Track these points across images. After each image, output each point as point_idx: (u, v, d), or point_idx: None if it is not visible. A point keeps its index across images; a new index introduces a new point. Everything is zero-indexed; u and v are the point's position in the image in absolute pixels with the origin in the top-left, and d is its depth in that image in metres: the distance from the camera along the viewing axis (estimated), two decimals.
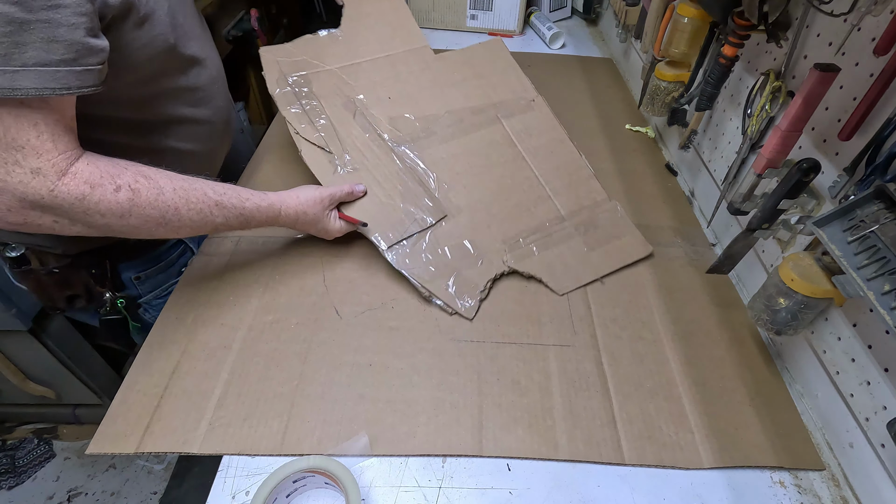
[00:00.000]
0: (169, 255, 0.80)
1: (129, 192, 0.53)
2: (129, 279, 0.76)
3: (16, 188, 0.47)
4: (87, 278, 0.72)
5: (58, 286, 0.71)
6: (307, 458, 0.51)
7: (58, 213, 0.50)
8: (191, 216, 0.58)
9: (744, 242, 0.65)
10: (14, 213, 0.49)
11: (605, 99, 1.21)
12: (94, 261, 0.72)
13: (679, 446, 0.57)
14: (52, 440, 1.50)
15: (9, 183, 0.47)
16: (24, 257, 0.68)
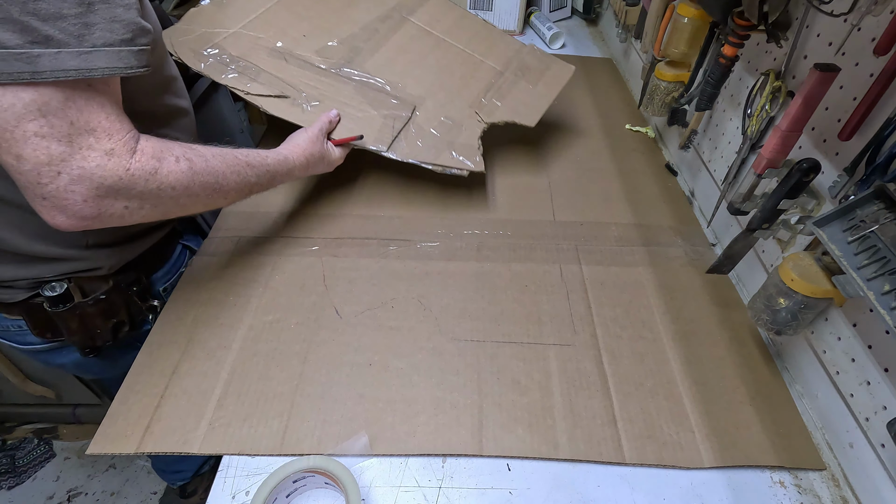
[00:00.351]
0: (182, 262, 0.81)
1: (187, 162, 0.54)
2: (158, 292, 0.77)
3: (94, 173, 0.46)
4: (129, 298, 0.71)
5: (103, 316, 0.68)
6: (307, 458, 0.51)
7: (131, 196, 0.49)
8: (234, 178, 0.60)
9: (744, 242, 0.65)
10: (89, 203, 0.47)
11: (605, 99, 1.21)
12: (133, 278, 0.71)
13: (679, 446, 0.57)
14: (52, 440, 1.50)
15: (86, 169, 0.46)
16: (67, 293, 0.64)
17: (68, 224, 0.48)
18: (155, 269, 0.76)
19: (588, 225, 0.86)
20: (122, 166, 0.48)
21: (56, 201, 0.46)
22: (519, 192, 0.92)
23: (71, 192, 0.46)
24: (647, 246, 0.82)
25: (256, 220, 0.84)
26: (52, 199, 0.46)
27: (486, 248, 0.81)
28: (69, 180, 0.45)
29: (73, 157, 0.45)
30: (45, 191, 0.45)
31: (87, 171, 0.46)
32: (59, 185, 0.45)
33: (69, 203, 0.46)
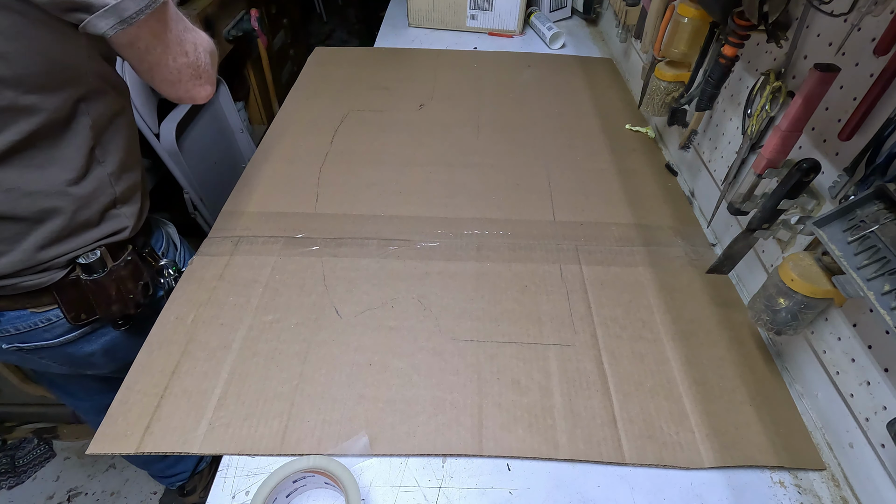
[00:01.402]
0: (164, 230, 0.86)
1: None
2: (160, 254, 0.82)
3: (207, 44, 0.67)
4: (145, 260, 0.76)
5: (133, 278, 0.72)
6: (307, 458, 0.51)
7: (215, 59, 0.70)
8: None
9: (744, 242, 0.65)
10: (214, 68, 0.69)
11: (605, 99, 1.21)
12: (142, 241, 0.77)
13: (680, 446, 0.57)
14: (51, 440, 1.50)
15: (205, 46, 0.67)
16: (101, 259, 0.68)
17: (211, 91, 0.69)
18: (151, 233, 0.81)
19: (588, 225, 0.86)
20: (205, 36, 0.67)
21: (207, 76, 0.67)
22: (519, 192, 0.92)
23: (209, 64, 0.67)
24: (647, 246, 0.82)
25: (256, 220, 0.84)
26: (204, 75, 0.66)
27: (486, 248, 0.81)
28: (206, 57, 0.66)
29: (196, 39, 0.65)
30: (200, 70, 0.65)
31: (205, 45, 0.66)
32: (205, 61, 0.66)
33: (210, 73, 0.67)
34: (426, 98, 1.18)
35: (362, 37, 2.95)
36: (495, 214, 0.87)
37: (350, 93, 1.19)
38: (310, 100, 1.17)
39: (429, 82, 1.25)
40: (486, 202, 0.90)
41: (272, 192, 0.90)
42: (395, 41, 1.49)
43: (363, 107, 1.15)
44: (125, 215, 0.71)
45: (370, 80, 1.25)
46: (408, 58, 1.37)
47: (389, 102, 1.16)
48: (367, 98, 1.18)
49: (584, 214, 0.88)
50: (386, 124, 1.09)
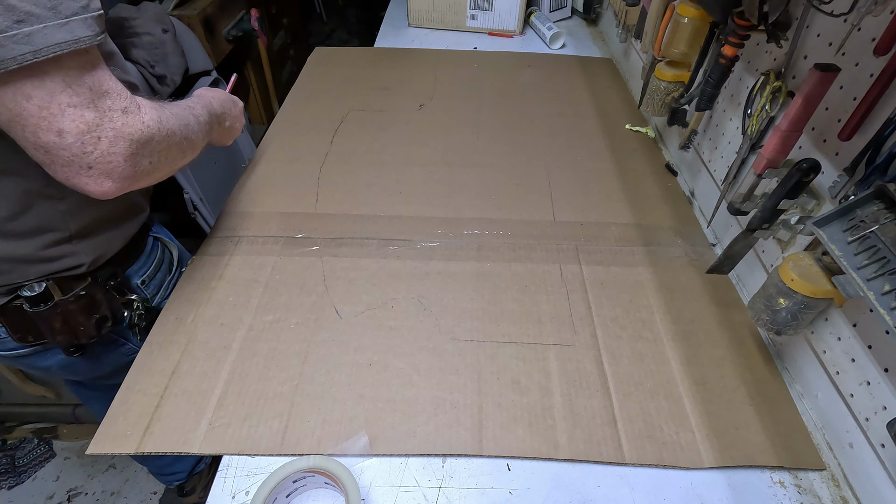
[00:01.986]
0: (155, 254, 0.80)
1: (167, 112, 0.57)
2: (137, 285, 0.77)
3: (123, 130, 0.49)
4: (108, 293, 0.71)
5: (85, 311, 0.68)
6: (307, 458, 0.51)
7: (152, 149, 0.53)
8: (197, 122, 0.64)
9: (744, 242, 0.65)
10: (128, 162, 0.51)
11: (605, 99, 1.21)
12: (109, 273, 0.71)
13: (680, 446, 0.57)
14: (51, 440, 1.50)
15: (117, 129, 0.49)
16: (46, 292, 0.64)
17: (114, 188, 0.51)
18: (130, 262, 0.76)
19: (588, 225, 0.86)
20: (139, 120, 0.51)
21: (102, 167, 0.49)
22: (519, 192, 0.92)
23: (112, 153, 0.49)
24: (647, 246, 0.82)
25: (256, 220, 0.84)
26: (98, 165, 0.49)
27: (486, 249, 0.81)
28: (108, 143, 0.48)
29: (102, 120, 0.48)
30: (90, 159, 0.48)
31: (118, 130, 0.49)
32: (102, 149, 0.48)
33: (113, 165, 0.49)
34: (426, 98, 1.18)
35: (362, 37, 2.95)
36: (495, 214, 0.87)
37: (350, 93, 1.19)
38: (310, 100, 1.17)
39: (429, 82, 1.25)
40: (487, 202, 0.90)
41: (272, 192, 0.90)
42: (395, 41, 1.49)
43: (363, 107, 1.15)
44: (82, 252, 0.66)
45: (370, 80, 1.25)
46: (408, 58, 1.37)
47: (389, 102, 1.16)
48: (367, 98, 1.18)
49: (585, 214, 0.88)
50: (386, 124, 1.09)
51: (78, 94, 0.46)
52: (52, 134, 0.46)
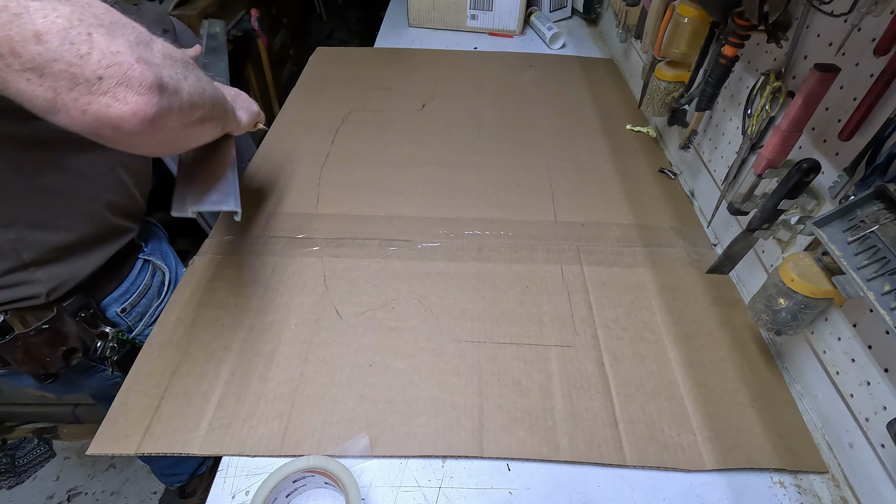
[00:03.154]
0: (142, 279, 0.76)
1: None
2: (115, 314, 0.72)
3: (114, 24, 0.37)
4: (77, 325, 0.66)
5: (50, 344, 0.63)
6: (307, 458, 0.51)
7: (165, 54, 0.41)
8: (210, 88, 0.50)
9: (744, 242, 0.65)
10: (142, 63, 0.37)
11: (605, 99, 1.21)
12: (80, 304, 0.67)
13: (681, 448, 0.57)
14: (51, 440, 1.50)
15: (105, 24, 0.37)
16: (5, 324, 0.60)
17: (145, 103, 0.38)
18: (107, 290, 0.70)
19: (589, 225, 0.86)
20: (125, 19, 0.39)
21: (114, 72, 0.36)
22: (520, 192, 0.92)
23: (117, 52, 0.36)
24: (648, 246, 0.82)
25: (257, 220, 0.84)
26: (107, 73, 0.36)
27: (486, 249, 0.81)
28: (104, 39, 0.36)
29: (83, 14, 0.36)
30: (93, 66, 0.35)
31: (108, 25, 0.36)
32: (101, 45, 0.36)
33: (126, 67, 0.37)
34: (427, 98, 1.18)
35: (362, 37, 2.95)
36: (496, 215, 0.87)
37: (351, 93, 1.19)
38: (311, 100, 1.17)
39: (429, 82, 1.25)
40: (487, 202, 0.90)
41: (273, 193, 0.90)
42: (396, 41, 1.49)
43: (364, 107, 1.14)
44: (38, 280, 0.60)
45: (371, 80, 1.25)
46: (408, 58, 1.37)
47: (390, 102, 1.16)
48: (368, 98, 1.18)
49: (586, 215, 0.88)
50: (387, 124, 1.09)
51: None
52: (29, 43, 0.34)
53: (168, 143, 0.45)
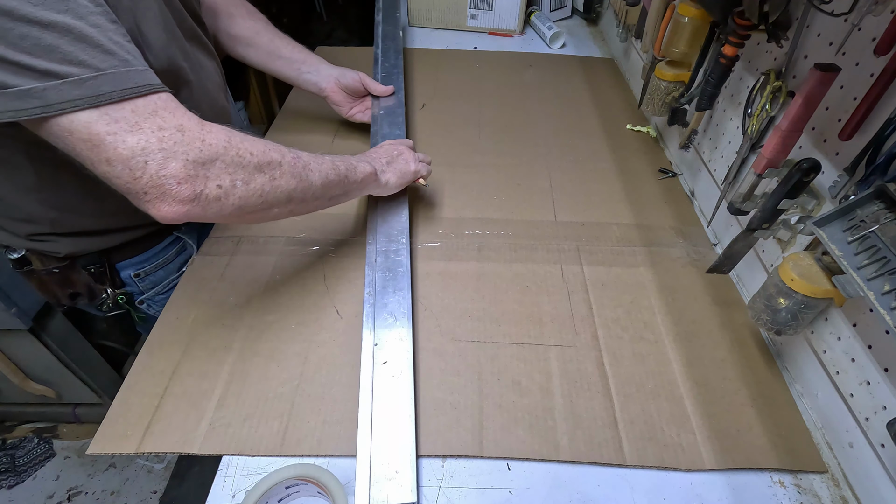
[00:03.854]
0: (166, 253, 0.81)
1: (243, 137, 0.54)
2: (128, 277, 0.78)
3: (175, 149, 0.47)
4: (86, 277, 0.74)
5: (59, 284, 0.73)
6: (294, 467, 0.50)
7: (218, 170, 0.50)
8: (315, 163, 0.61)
9: (744, 242, 0.65)
10: (183, 185, 0.47)
11: (605, 99, 1.21)
12: (93, 261, 0.73)
13: (681, 448, 0.57)
14: (52, 439, 1.50)
15: (167, 149, 0.46)
16: (24, 258, 0.70)
17: (174, 212, 0.48)
18: (126, 256, 0.76)
19: (589, 225, 0.86)
20: (197, 137, 0.48)
21: (155, 191, 0.47)
22: (520, 192, 0.92)
23: (163, 176, 0.46)
24: (648, 246, 0.82)
25: None
26: (151, 190, 0.47)
27: (487, 249, 0.81)
28: (157, 165, 0.46)
29: (150, 142, 0.46)
30: (142, 185, 0.46)
31: (169, 150, 0.46)
32: (151, 172, 0.46)
33: (167, 188, 0.47)
34: (427, 98, 1.18)
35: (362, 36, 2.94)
36: (496, 214, 0.87)
37: None
38: (311, 99, 1.17)
39: (429, 82, 1.25)
40: (487, 202, 0.90)
41: None
42: None
43: None
44: (64, 245, 0.69)
45: None
46: (408, 57, 1.37)
47: None
48: None
49: (586, 215, 0.88)
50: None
51: (116, 120, 0.45)
52: (102, 164, 0.46)
53: (243, 221, 0.56)
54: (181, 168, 0.47)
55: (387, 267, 0.70)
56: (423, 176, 0.79)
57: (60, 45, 0.43)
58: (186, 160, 0.47)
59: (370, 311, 0.64)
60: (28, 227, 0.67)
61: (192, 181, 0.48)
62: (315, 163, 0.61)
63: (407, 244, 0.73)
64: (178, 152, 0.47)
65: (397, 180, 0.74)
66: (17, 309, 1.04)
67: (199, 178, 0.48)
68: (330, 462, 0.55)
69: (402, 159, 0.76)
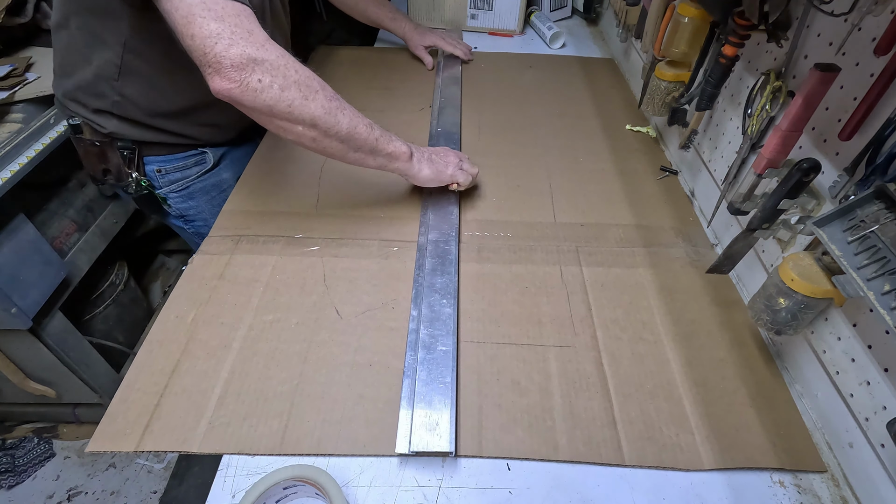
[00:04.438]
0: (186, 161, 0.96)
1: (300, 67, 0.66)
2: (151, 171, 0.94)
3: (237, 41, 0.59)
4: (119, 159, 0.90)
5: (97, 157, 0.90)
6: (292, 468, 0.50)
7: (264, 70, 0.61)
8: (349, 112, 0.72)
9: (744, 242, 0.65)
10: (235, 68, 0.60)
11: (605, 99, 1.21)
12: (127, 146, 0.89)
13: (680, 447, 0.57)
14: (52, 439, 1.50)
15: (234, 41, 0.59)
16: (79, 126, 0.88)
17: (223, 87, 0.60)
18: (154, 153, 0.92)
19: (589, 226, 0.86)
20: (259, 42, 0.61)
21: (215, 66, 0.59)
22: (519, 193, 0.92)
23: (223, 56, 0.59)
24: (647, 247, 0.82)
25: (257, 219, 0.84)
26: (213, 65, 0.59)
27: (486, 250, 0.81)
28: (222, 47, 0.59)
29: (224, 30, 0.59)
30: (208, 59, 0.59)
31: (234, 41, 0.59)
32: (217, 51, 0.59)
33: (223, 66, 0.59)
34: (427, 98, 1.18)
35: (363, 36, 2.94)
36: (495, 216, 0.87)
37: (352, 92, 1.19)
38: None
39: (429, 82, 1.25)
40: (487, 203, 0.90)
41: (273, 192, 0.90)
42: (396, 40, 1.49)
43: (365, 107, 1.14)
44: (110, 124, 0.85)
45: (372, 79, 1.25)
46: (409, 57, 1.37)
47: (391, 103, 1.16)
48: (368, 98, 1.18)
49: (585, 215, 0.88)
50: (387, 124, 1.08)
51: (210, 8, 0.58)
52: (187, 38, 0.59)
53: (273, 125, 0.67)
54: (237, 55, 0.59)
55: (436, 254, 0.77)
56: (458, 182, 0.84)
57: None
58: (243, 52, 0.60)
59: (419, 290, 0.72)
60: (96, 103, 0.84)
61: (241, 68, 0.60)
62: (351, 112, 0.71)
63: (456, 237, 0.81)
64: (240, 44, 0.60)
65: (431, 174, 0.82)
66: (16, 309, 1.04)
67: (247, 68, 0.60)
68: (329, 462, 0.55)
69: (445, 160, 0.84)
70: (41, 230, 1.12)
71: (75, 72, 0.82)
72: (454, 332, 0.66)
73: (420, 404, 0.58)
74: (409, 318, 0.69)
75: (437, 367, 0.62)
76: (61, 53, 0.83)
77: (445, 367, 0.62)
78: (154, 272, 1.79)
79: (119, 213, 1.37)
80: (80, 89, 0.83)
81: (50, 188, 1.20)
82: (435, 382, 0.60)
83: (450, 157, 0.85)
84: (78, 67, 0.82)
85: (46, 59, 1.17)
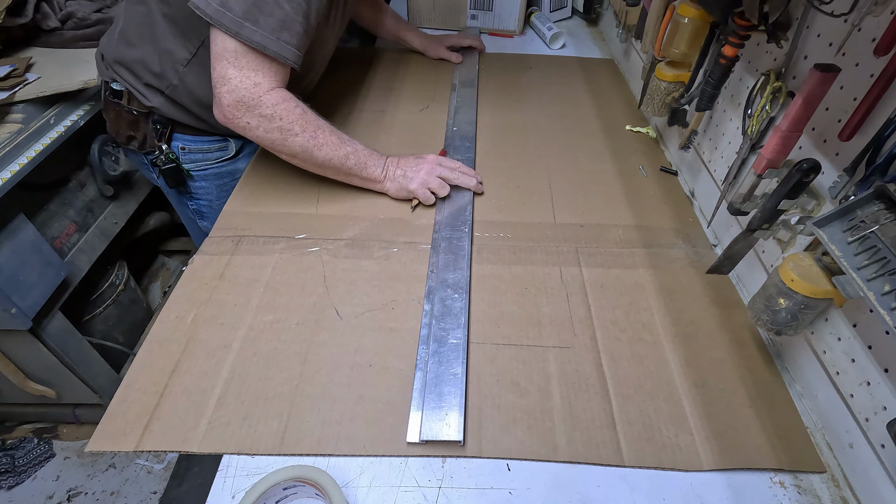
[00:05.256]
0: (210, 145, 1.02)
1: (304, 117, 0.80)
2: (177, 147, 0.99)
3: (238, 87, 0.74)
4: (149, 130, 0.96)
5: (128, 124, 0.96)
6: (291, 468, 0.50)
7: (251, 115, 0.76)
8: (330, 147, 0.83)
9: (744, 243, 0.65)
10: (230, 108, 0.75)
11: (605, 100, 1.21)
12: (161, 121, 0.95)
13: (679, 448, 0.57)
14: (51, 440, 1.50)
15: (237, 87, 0.74)
16: (120, 93, 0.93)
17: (219, 117, 0.78)
18: (183, 132, 0.98)
19: (588, 227, 0.85)
20: (258, 95, 0.75)
21: (217, 101, 0.76)
22: (519, 193, 0.92)
23: (223, 97, 0.75)
24: (647, 248, 0.82)
25: (257, 220, 0.84)
26: (217, 96, 0.75)
27: (486, 251, 0.81)
28: (226, 89, 0.74)
29: (233, 78, 0.74)
30: (216, 92, 0.75)
31: (237, 89, 0.74)
32: (222, 90, 0.75)
33: (222, 104, 0.76)
34: (427, 99, 1.18)
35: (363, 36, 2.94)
36: (496, 216, 0.87)
37: (352, 92, 1.19)
38: (311, 100, 1.17)
39: (430, 82, 1.25)
40: (487, 204, 0.90)
41: (273, 192, 0.90)
42: None
43: (364, 107, 1.15)
44: (153, 100, 0.91)
45: (372, 80, 1.25)
46: (409, 57, 1.37)
47: (391, 103, 1.16)
48: (368, 98, 1.18)
49: (585, 216, 0.88)
50: (387, 125, 1.09)
51: (236, 58, 0.73)
52: (211, 68, 0.75)
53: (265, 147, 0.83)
54: (233, 101, 0.75)
55: (449, 250, 0.79)
56: (417, 198, 0.88)
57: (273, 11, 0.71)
58: (238, 99, 0.75)
59: (432, 285, 0.74)
60: (152, 80, 0.89)
61: (234, 109, 0.76)
62: (330, 148, 0.82)
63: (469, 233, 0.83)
64: (240, 92, 0.74)
65: (395, 192, 0.89)
66: (16, 309, 1.04)
67: (238, 111, 0.76)
68: (329, 462, 0.55)
69: (411, 176, 0.87)
70: (41, 230, 1.12)
71: (141, 45, 0.87)
72: (465, 326, 0.68)
73: (430, 395, 0.60)
74: (423, 313, 0.70)
75: (448, 359, 0.63)
76: (132, 24, 0.88)
77: (456, 359, 0.63)
78: (154, 272, 1.79)
79: (119, 214, 1.37)
80: (140, 62, 0.89)
81: (50, 188, 1.20)
82: (446, 374, 0.62)
83: (421, 170, 0.88)
84: (145, 42, 0.87)
85: (47, 59, 1.17)
